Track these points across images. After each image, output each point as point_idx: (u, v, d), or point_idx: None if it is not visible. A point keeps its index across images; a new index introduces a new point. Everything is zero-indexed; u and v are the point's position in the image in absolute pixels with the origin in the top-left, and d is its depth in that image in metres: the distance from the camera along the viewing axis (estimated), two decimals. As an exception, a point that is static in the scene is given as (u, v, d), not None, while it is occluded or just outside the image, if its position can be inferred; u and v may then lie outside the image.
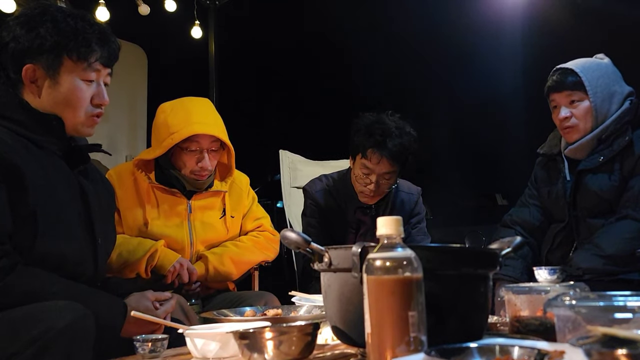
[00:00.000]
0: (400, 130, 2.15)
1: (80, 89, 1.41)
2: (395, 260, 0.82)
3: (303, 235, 1.02)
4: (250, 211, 2.19)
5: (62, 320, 1.14)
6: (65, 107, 1.40)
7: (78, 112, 1.41)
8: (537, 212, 2.19)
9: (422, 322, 0.82)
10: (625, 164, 1.95)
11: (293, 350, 1.04)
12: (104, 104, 1.47)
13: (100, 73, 1.44)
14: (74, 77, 1.39)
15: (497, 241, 1.12)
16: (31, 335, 1.12)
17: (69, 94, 1.39)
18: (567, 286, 1.17)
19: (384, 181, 2.20)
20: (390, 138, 2.12)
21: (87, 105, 1.43)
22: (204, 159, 1.96)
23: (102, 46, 1.42)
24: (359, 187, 2.24)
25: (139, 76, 4.44)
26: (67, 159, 1.43)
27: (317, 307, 1.50)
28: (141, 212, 1.97)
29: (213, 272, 2.00)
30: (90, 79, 1.42)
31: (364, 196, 2.26)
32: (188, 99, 2.05)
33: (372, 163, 2.16)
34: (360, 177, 2.21)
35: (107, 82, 1.48)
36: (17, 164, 1.26)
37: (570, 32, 3.61)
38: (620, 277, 1.85)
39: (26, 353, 1.11)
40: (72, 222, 1.37)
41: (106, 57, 1.43)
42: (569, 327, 0.87)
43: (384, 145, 2.12)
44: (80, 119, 1.42)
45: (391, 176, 2.20)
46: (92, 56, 1.40)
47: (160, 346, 1.20)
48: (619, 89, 2.02)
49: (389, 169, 2.17)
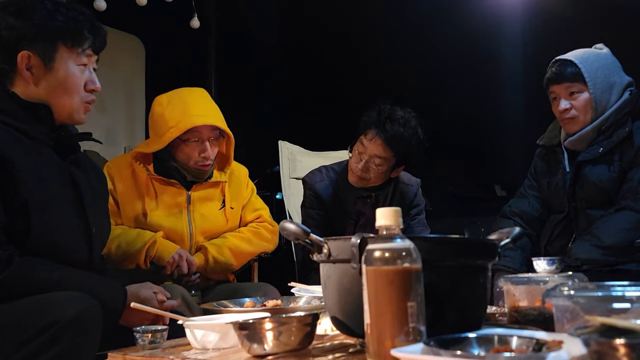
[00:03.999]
0: (405, 121, 2.17)
1: (75, 74, 1.42)
2: (394, 251, 0.83)
3: (302, 226, 1.03)
4: (250, 202, 2.19)
5: (71, 310, 1.15)
6: (62, 93, 1.41)
7: (74, 97, 1.43)
8: (536, 203, 2.19)
9: (421, 312, 0.82)
10: (625, 155, 1.95)
11: (292, 340, 1.04)
12: (97, 90, 1.48)
13: (90, 59, 1.46)
14: (68, 62, 1.41)
15: (496, 232, 1.12)
16: (40, 325, 1.13)
17: (65, 79, 1.41)
18: (565, 277, 1.17)
19: (374, 166, 2.20)
20: (392, 123, 2.14)
21: (82, 90, 1.44)
22: (206, 149, 1.96)
23: (93, 33, 1.45)
24: (351, 164, 2.26)
25: (137, 67, 4.42)
26: (58, 149, 1.43)
27: (317, 298, 1.50)
28: (140, 203, 1.97)
29: (212, 263, 2.00)
30: (84, 63, 1.44)
31: (352, 175, 2.27)
32: (184, 90, 2.04)
33: (366, 140, 2.18)
34: (355, 155, 2.23)
35: (95, 68, 1.50)
36: (6, 156, 1.27)
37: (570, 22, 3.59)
38: (618, 268, 1.85)
39: (35, 343, 1.12)
40: (64, 212, 1.38)
41: (97, 44, 1.46)
42: (568, 317, 0.87)
43: (383, 127, 2.14)
44: (76, 105, 1.44)
45: (382, 162, 2.19)
46: (85, 43, 1.43)
47: (160, 337, 1.20)
48: (619, 80, 2.02)
49: (381, 153, 2.17)
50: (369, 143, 2.17)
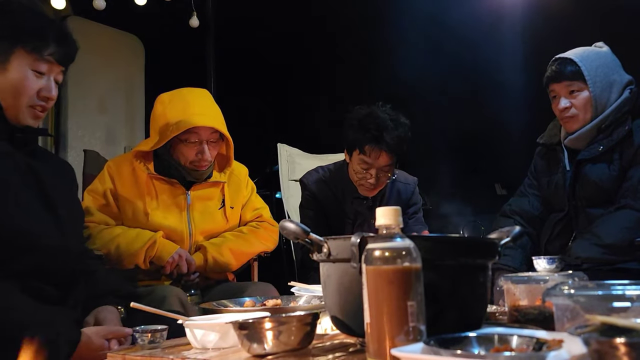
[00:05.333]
0: (395, 122, 2.15)
1: (28, 78, 1.43)
2: (394, 250, 0.82)
3: (302, 225, 1.02)
4: (250, 202, 2.19)
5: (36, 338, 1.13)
6: (9, 94, 1.42)
7: (20, 100, 1.43)
8: (536, 202, 2.19)
9: (421, 311, 0.82)
10: (625, 153, 1.95)
11: (292, 340, 1.04)
12: (51, 99, 1.48)
13: (52, 68, 1.46)
14: (24, 65, 1.42)
15: (496, 231, 1.12)
16: None
17: (16, 81, 1.42)
18: (565, 275, 1.17)
19: (384, 174, 2.22)
20: (387, 131, 2.11)
21: (33, 96, 1.45)
22: (204, 151, 1.96)
23: (58, 43, 1.45)
24: (359, 181, 2.24)
25: (136, 67, 4.42)
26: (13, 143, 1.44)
27: (317, 298, 1.50)
28: (140, 203, 1.97)
29: (212, 262, 2.00)
30: (41, 71, 1.44)
31: (365, 189, 2.27)
32: (186, 90, 2.04)
33: (371, 158, 2.16)
34: (360, 172, 2.21)
35: (59, 80, 1.50)
36: None
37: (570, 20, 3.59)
38: (618, 267, 1.85)
39: None
40: (23, 198, 1.38)
41: (61, 54, 1.46)
42: (568, 316, 0.87)
43: (381, 139, 2.11)
44: (21, 108, 1.44)
45: (390, 168, 2.21)
46: (46, 50, 1.43)
47: (159, 337, 1.20)
48: (619, 78, 2.02)
49: (388, 162, 2.18)
50: (374, 160, 2.16)
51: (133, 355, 1.13)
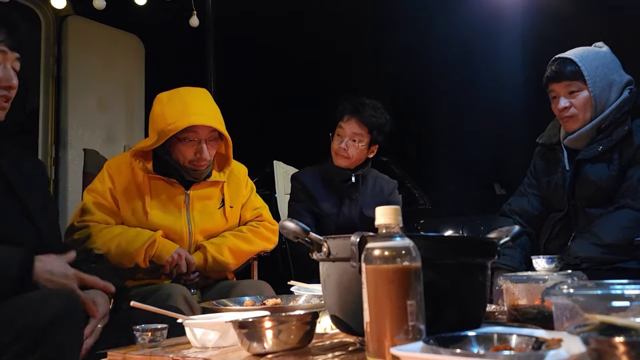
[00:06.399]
0: (375, 108, 2.51)
1: None
2: (394, 249, 0.82)
3: (302, 225, 1.03)
4: (249, 201, 2.19)
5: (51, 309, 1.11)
6: None
7: None
8: (535, 201, 2.19)
9: (420, 311, 0.82)
10: (624, 153, 1.95)
11: (292, 339, 1.04)
12: (13, 87, 1.42)
13: (6, 56, 1.41)
14: None
15: (495, 230, 1.13)
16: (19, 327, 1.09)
17: None
18: (564, 275, 1.17)
19: (353, 144, 2.50)
20: (363, 107, 2.50)
21: None
22: (203, 150, 1.96)
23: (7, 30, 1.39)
24: (335, 151, 2.54)
25: (136, 66, 4.41)
26: None
27: (316, 297, 1.50)
28: (139, 202, 1.97)
29: (212, 262, 2.00)
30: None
31: (338, 158, 2.54)
32: (185, 89, 2.04)
33: (343, 122, 2.52)
34: (336, 139, 2.55)
35: (16, 67, 1.44)
36: None
37: (570, 20, 3.59)
38: (617, 266, 1.85)
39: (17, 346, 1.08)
40: None
41: (13, 41, 1.41)
42: (567, 315, 0.87)
43: (355, 110, 2.51)
44: None
45: (360, 139, 2.50)
46: None
47: (159, 335, 1.20)
48: (618, 78, 2.01)
49: (357, 130, 2.50)
50: (346, 125, 2.51)
51: (133, 354, 1.14)
